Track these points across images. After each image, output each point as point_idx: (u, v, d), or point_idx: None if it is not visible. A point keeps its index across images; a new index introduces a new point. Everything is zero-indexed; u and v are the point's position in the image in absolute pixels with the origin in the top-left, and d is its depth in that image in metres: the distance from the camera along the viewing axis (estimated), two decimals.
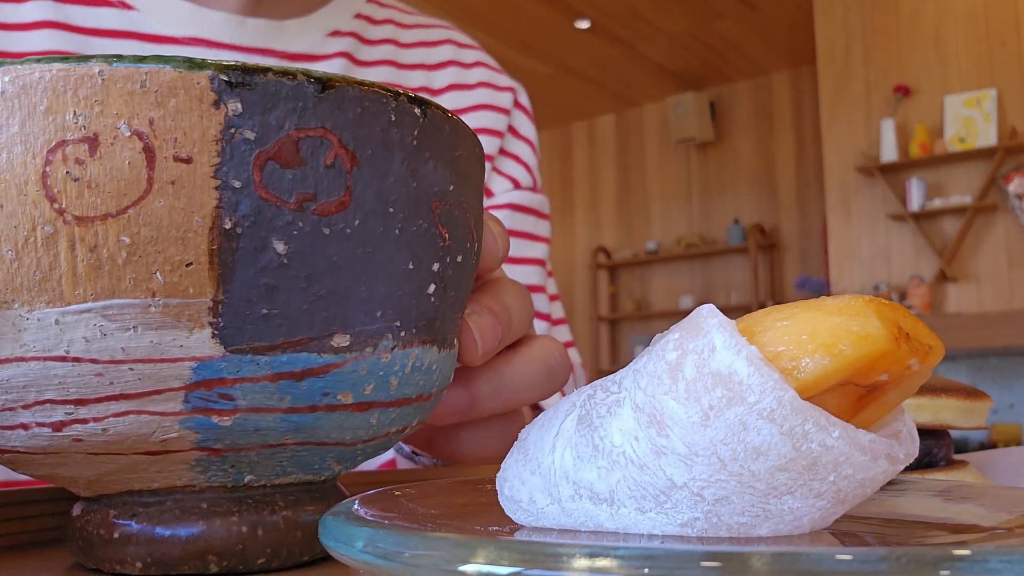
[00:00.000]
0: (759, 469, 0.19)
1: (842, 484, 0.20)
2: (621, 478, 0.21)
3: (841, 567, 0.15)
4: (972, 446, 3.06)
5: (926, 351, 0.20)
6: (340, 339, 0.24)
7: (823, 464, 0.19)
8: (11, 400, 0.23)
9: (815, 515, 0.20)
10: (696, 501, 0.20)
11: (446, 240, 0.27)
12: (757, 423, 0.19)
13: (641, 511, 0.21)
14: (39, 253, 0.22)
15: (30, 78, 0.22)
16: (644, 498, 0.21)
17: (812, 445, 0.19)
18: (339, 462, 0.28)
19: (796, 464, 0.19)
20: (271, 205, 0.23)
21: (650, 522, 0.21)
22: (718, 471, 0.20)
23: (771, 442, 0.19)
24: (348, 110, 0.24)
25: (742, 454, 0.19)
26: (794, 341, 0.20)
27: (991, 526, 0.22)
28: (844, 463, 0.19)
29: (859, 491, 0.20)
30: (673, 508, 0.20)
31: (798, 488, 0.20)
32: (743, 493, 0.20)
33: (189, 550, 0.25)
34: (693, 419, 0.20)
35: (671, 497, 0.20)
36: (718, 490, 0.20)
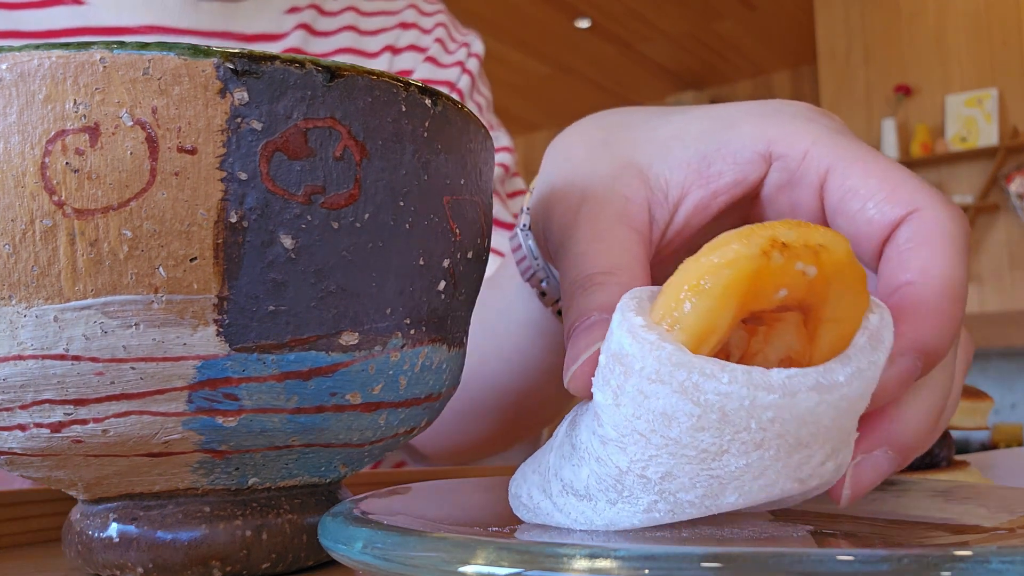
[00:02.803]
0: (678, 434, 0.20)
1: (776, 428, 0.19)
2: (589, 473, 0.21)
3: (843, 568, 0.15)
4: (974, 447, 3.06)
5: (815, 251, 0.19)
6: (349, 337, 0.24)
7: (734, 413, 0.19)
8: (8, 400, 0.23)
9: (778, 469, 0.20)
10: (644, 483, 0.20)
11: (457, 235, 0.26)
12: (651, 388, 0.20)
13: (611, 503, 0.21)
14: (37, 247, 0.21)
15: (28, 65, 0.21)
16: (608, 489, 0.21)
17: (709, 396, 0.19)
18: (346, 464, 0.27)
19: (708, 420, 0.19)
20: (278, 198, 0.22)
21: (620, 512, 0.21)
22: (645, 446, 0.20)
23: (671, 403, 0.19)
24: (358, 100, 0.23)
25: (655, 423, 0.20)
26: (673, 296, 0.20)
27: (993, 527, 0.22)
28: (756, 407, 0.19)
29: (808, 429, 0.20)
30: (630, 495, 0.21)
31: (730, 445, 0.20)
32: (680, 463, 0.20)
33: (192, 555, 0.25)
34: (609, 402, 0.21)
35: (625, 484, 0.21)
36: (657, 466, 0.20)
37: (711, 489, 0.20)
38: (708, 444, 0.20)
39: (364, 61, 0.68)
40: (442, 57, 0.71)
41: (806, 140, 0.27)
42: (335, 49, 0.67)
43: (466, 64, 0.72)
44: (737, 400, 0.19)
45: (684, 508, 0.21)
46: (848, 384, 0.20)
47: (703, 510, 0.21)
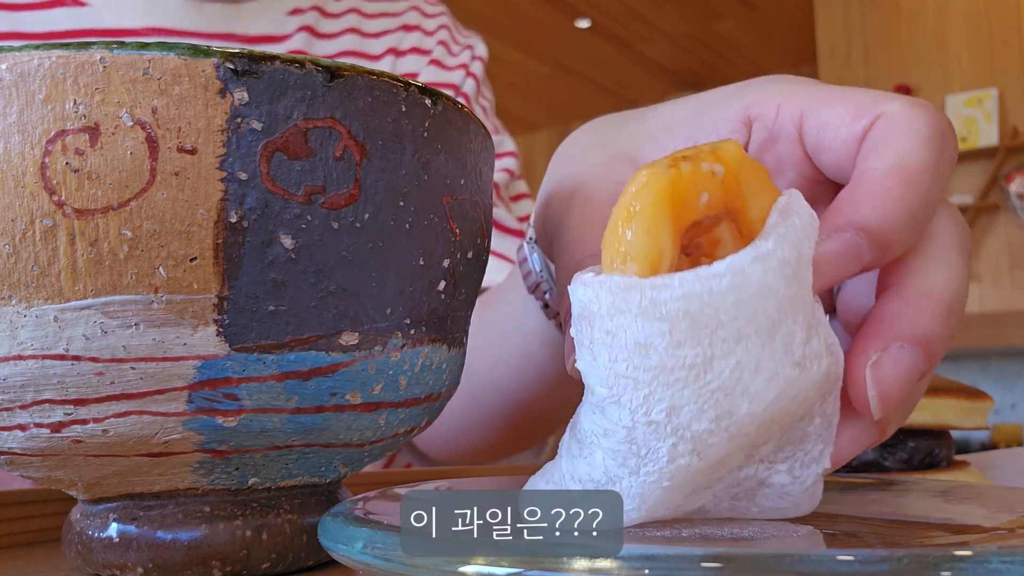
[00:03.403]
0: (659, 359, 0.20)
1: (743, 311, 0.20)
2: (602, 454, 0.21)
3: (843, 568, 0.15)
4: (973, 447, 3.06)
5: (713, 151, 0.21)
6: (349, 337, 0.24)
7: (699, 313, 0.20)
8: (8, 400, 0.23)
9: (770, 356, 0.20)
10: (655, 429, 0.20)
11: (457, 236, 0.26)
12: (615, 323, 0.20)
13: (634, 472, 0.21)
14: (37, 247, 0.21)
15: (28, 65, 0.21)
16: (626, 459, 0.21)
17: (669, 306, 0.20)
18: (346, 464, 0.27)
19: (679, 331, 0.20)
20: (279, 198, 0.22)
21: (647, 479, 0.21)
22: (635, 387, 0.20)
23: (638, 329, 0.20)
24: (358, 100, 0.23)
25: (633, 357, 0.20)
26: (613, 237, 0.21)
27: (993, 527, 0.22)
28: (715, 297, 0.20)
29: (771, 303, 0.20)
30: (648, 452, 0.21)
31: (712, 349, 0.20)
32: (677, 391, 0.20)
33: (192, 555, 0.25)
34: (589, 362, 0.21)
35: (638, 441, 0.21)
36: (657, 403, 0.20)
37: (721, 406, 0.20)
38: (692, 357, 0.20)
39: (367, 64, 0.68)
40: (446, 59, 0.71)
41: (777, 96, 0.28)
42: (338, 52, 0.67)
43: (470, 67, 0.71)
44: (696, 299, 0.20)
45: (706, 441, 0.20)
46: (779, 247, 0.20)
47: (726, 436, 0.20)
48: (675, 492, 0.21)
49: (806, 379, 0.21)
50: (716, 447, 0.20)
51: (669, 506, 0.22)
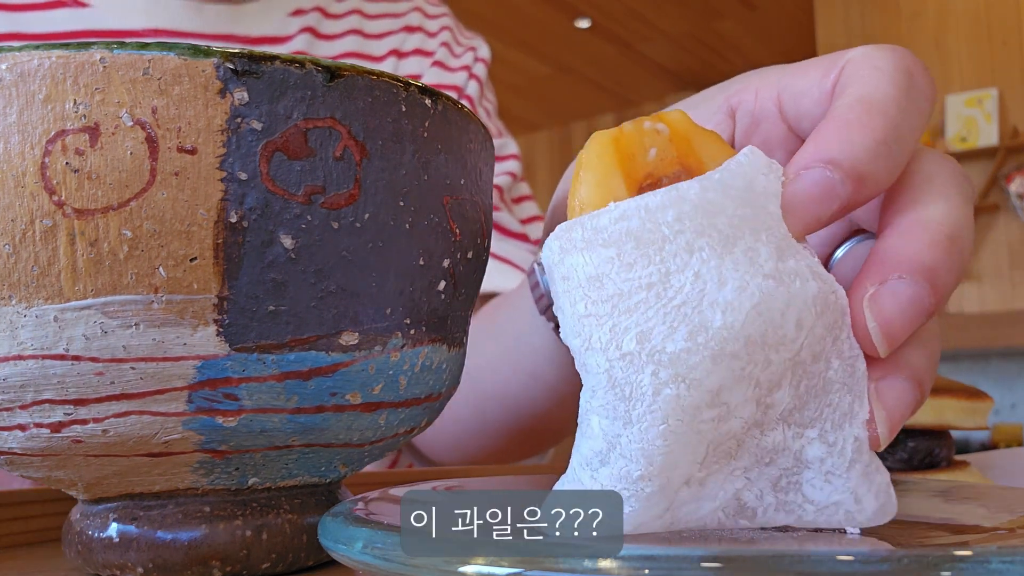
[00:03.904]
0: (614, 287, 0.20)
1: (688, 225, 0.21)
2: (596, 418, 0.20)
3: (843, 568, 0.15)
4: (974, 447, 3.06)
5: (656, 116, 0.23)
6: (349, 337, 0.24)
7: (640, 230, 0.20)
8: (8, 400, 0.23)
9: (733, 267, 0.20)
10: (631, 362, 0.20)
11: (457, 236, 0.26)
12: (567, 266, 0.21)
13: (627, 421, 0.20)
14: (37, 247, 0.21)
15: (28, 65, 0.21)
16: (615, 404, 0.20)
17: (610, 231, 0.21)
18: (346, 464, 0.27)
19: (626, 252, 0.20)
20: (279, 198, 0.22)
21: (642, 424, 0.20)
22: (600, 323, 0.20)
23: (587, 261, 0.21)
24: (358, 100, 0.23)
25: (590, 293, 0.20)
26: (571, 195, 0.22)
27: (993, 527, 0.22)
28: (653, 214, 0.20)
29: (721, 219, 0.21)
30: (632, 389, 0.20)
31: (665, 263, 0.20)
32: (641, 314, 0.20)
33: (192, 555, 0.25)
34: (561, 320, 0.21)
35: (618, 380, 0.20)
36: (624, 334, 0.20)
37: (691, 321, 0.20)
38: (647, 276, 0.20)
39: (370, 65, 0.67)
40: (449, 61, 0.71)
41: (755, 82, 0.28)
42: (340, 53, 0.66)
43: (473, 69, 0.71)
44: (635, 216, 0.20)
45: (686, 362, 0.19)
46: (721, 173, 0.21)
47: (707, 355, 0.19)
48: (682, 443, 0.20)
49: (789, 294, 0.20)
50: (700, 368, 0.20)
51: (685, 469, 0.20)
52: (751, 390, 0.20)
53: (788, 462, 0.21)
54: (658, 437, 0.20)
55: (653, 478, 0.20)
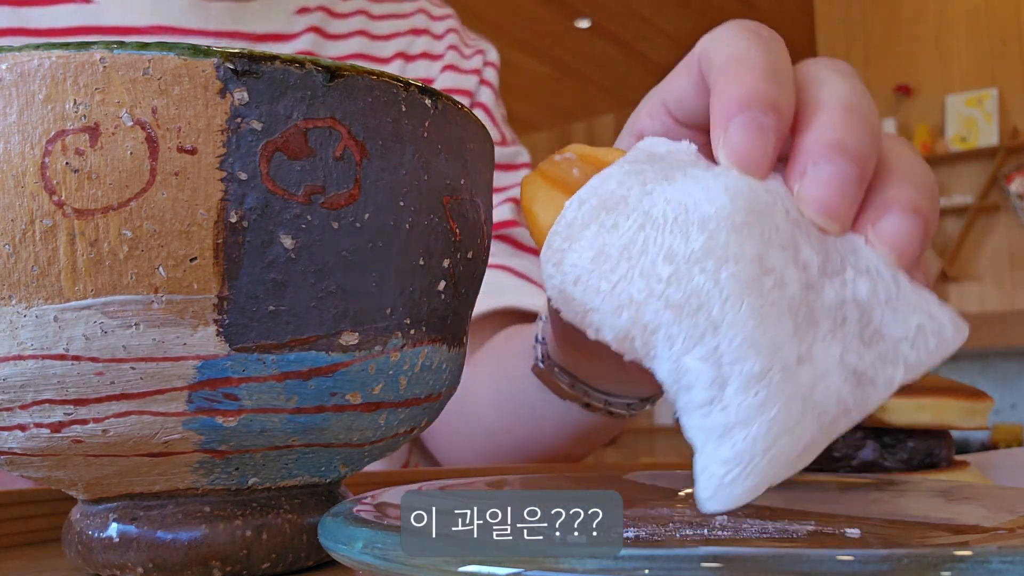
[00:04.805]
0: (618, 249, 0.22)
1: (635, 180, 0.23)
2: (690, 359, 0.21)
3: (843, 568, 0.15)
4: (974, 447, 3.05)
5: (559, 152, 0.27)
6: (349, 337, 0.24)
7: (600, 206, 0.23)
8: (8, 400, 0.23)
9: (689, 180, 0.23)
10: (677, 275, 0.21)
11: (457, 236, 0.26)
12: (564, 274, 0.23)
13: (715, 327, 0.21)
14: (37, 247, 0.21)
15: (28, 65, 0.21)
16: (696, 329, 0.21)
17: (580, 215, 0.23)
18: (346, 464, 0.27)
19: (604, 220, 0.23)
20: (278, 198, 0.22)
21: (726, 315, 0.21)
22: (630, 278, 0.22)
23: (577, 253, 0.23)
24: (358, 100, 0.23)
25: (602, 265, 0.22)
26: (532, 230, 0.25)
27: (993, 527, 0.22)
28: (603, 183, 0.23)
29: (663, 166, 0.24)
30: (695, 295, 0.21)
31: (638, 206, 0.22)
32: (651, 246, 0.22)
33: (192, 555, 0.25)
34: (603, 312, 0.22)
35: (682, 304, 0.21)
36: (651, 268, 0.21)
37: (695, 222, 0.21)
38: (633, 223, 0.22)
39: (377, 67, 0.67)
40: (460, 63, 0.70)
41: (644, 108, 0.31)
42: (347, 54, 0.66)
43: (484, 74, 0.71)
44: (591, 198, 0.23)
45: (716, 245, 0.21)
46: (632, 151, 0.25)
47: (724, 230, 0.21)
48: (768, 318, 0.21)
49: (743, 177, 0.23)
50: (731, 243, 0.21)
51: (787, 346, 0.21)
52: (782, 253, 0.22)
53: (855, 312, 0.22)
54: (748, 317, 0.20)
55: (771, 362, 0.20)
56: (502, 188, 0.66)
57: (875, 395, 0.22)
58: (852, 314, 0.22)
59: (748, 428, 0.20)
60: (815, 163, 0.23)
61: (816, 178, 0.23)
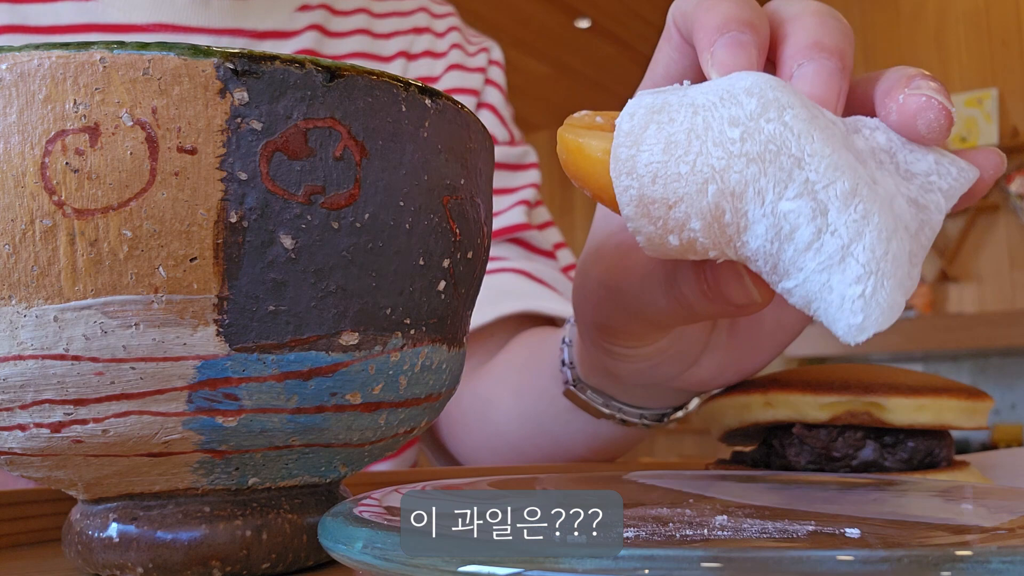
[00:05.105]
0: (683, 132, 0.24)
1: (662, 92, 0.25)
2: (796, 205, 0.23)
3: (843, 568, 0.15)
4: (973, 447, 3.05)
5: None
6: (349, 337, 0.24)
7: (649, 111, 0.24)
8: (8, 400, 0.22)
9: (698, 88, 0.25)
10: (752, 123, 0.23)
11: (457, 236, 0.26)
12: (641, 164, 0.24)
13: (801, 161, 0.23)
14: (37, 247, 0.21)
15: (28, 65, 0.21)
16: (787, 171, 0.23)
17: (636, 120, 0.25)
18: (346, 464, 0.27)
19: (660, 119, 0.24)
20: (278, 198, 0.22)
21: (814, 145, 0.23)
22: (704, 152, 0.23)
23: (648, 147, 0.24)
24: (357, 100, 0.23)
25: (676, 151, 0.24)
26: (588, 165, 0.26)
27: (993, 527, 0.22)
28: (643, 100, 0.25)
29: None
30: (775, 139, 0.23)
31: (684, 105, 0.24)
32: (714, 118, 0.23)
33: (192, 555, 0.24)
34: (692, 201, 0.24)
35: (769, 144, 0.23)
36: (720, 133, 0.23)
37: (740, 91, 0.24)
38: (686, 110, 0.24)
39: (379, 66, 0.67)
40: (465, 62, 0.70)
41: None
42: (349, 52, 0.66)
43: (489, 73, 0.71)
44: (639, 109, 0.25)
45: (777, 95, 0.23)
46: None
47: (772, 89, 0.23)
48: (832, 141, 0.23)
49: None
50: (767, 94, 0.23)
51: (848, 158, 0.23)
52: (821, 113, 0.24)
53: (884, 155, 0.25)
54: (823, 144, 0.23)
55: (855, 179, 0.23)
56: (512, 189, 0.66)
57: (934, 217, 0.24)
58: (884, 157, 0.25)
59: (862, 240, 0.22)
60: (799, 64, 0.26)
61: (802, 77, 0.26)
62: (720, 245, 0.24)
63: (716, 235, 0.24)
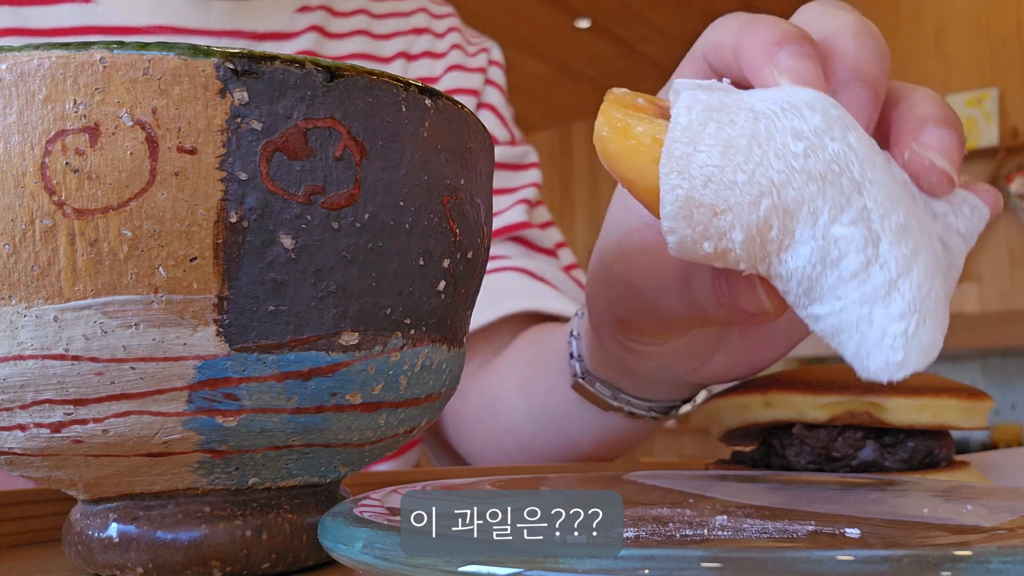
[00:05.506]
0: (743, 137, 0.22)
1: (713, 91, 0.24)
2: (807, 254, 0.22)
3: (843, 568, 0.15)
4: (973, 447, 3.05)
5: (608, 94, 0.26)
6: (349, 337, 0.24)
7: (707, 109, 0.23)
8: (8, 400, 0.23)
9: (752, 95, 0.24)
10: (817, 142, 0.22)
11: (457, 236, 0.26)
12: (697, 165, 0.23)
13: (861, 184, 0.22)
14: (37, 247, 0.21)
15: (28, 65, 0.21)
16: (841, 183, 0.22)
17: (693, 115, 0.23)
18: (346, 464, 0.27)
19: (721, 119, 0.23)
20: (278, 198, 0.22)
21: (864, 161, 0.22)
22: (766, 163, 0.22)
23: (706, 149, 0.23)
24: (357, 100, 0.23)
25: (735, 157, 0.22)
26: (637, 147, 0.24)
27: (993, 527, 0.22)
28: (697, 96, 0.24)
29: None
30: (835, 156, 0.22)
31: (741, 107, 0.23)
32: (777, 126, 0.22)
33: (192, 555, 0.24)
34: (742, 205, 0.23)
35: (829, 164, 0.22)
36: (787, 144, 0.22)
37: (802, 104, 0.23)
38: (746, 115, 0.23)
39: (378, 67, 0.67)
40: (466, 62, 0.70)
41: (700, 48, 0.33)
42: (348, 53, 0.66)
43: (489, 74, 0.71)
44: (696, 104, 0.23)
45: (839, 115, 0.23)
46: None
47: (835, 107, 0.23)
48: (889, 171, 0.23)
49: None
50: (830, 111, 0.23)
51: (901, 191, 0.23)
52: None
53: (914, 190, 0.24)
54: (883, 173, 0.22)
55: (908, 214, 0.22)
56: (513, 189, 0.66)
57: (957, 260, 0.24)
58: (915, 191, 0.24)
59: (910, 276, 0.21)
60: (834, 91, 0.25)
61: (852, 103, 0.25)
62: (754, 259, 0.23)
63: (755, 249, 0.23)
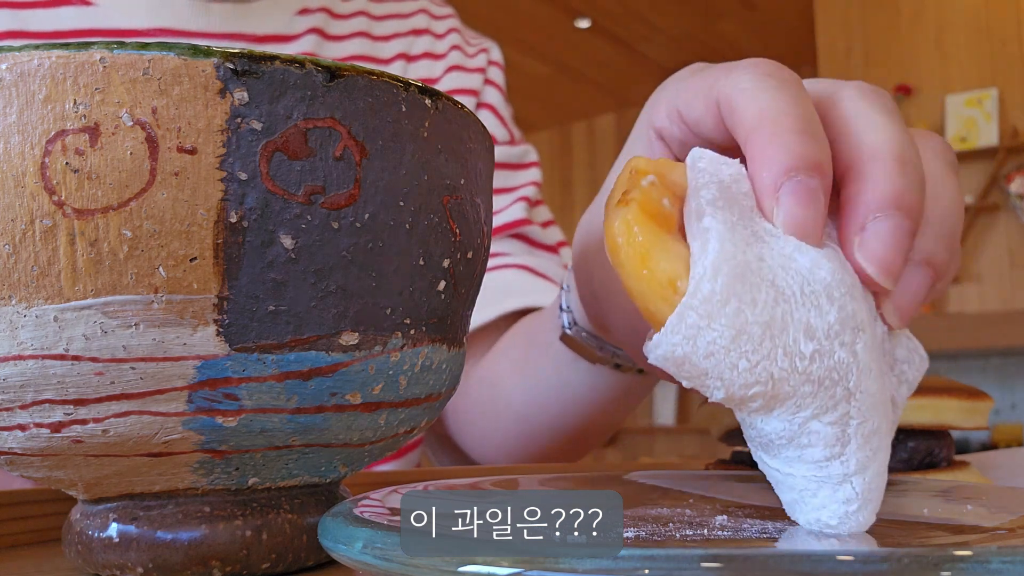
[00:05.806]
0: (759, 323, 0.21)
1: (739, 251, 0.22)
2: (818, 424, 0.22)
3: (843, 568, 0.15)
4: (973, 447, 3.05)
5: (635, 172, 0.24)
6: (349, 337, 0.24)
7: (735, 276, 0.22)
8: (8, 400, 0.23)
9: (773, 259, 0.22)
10: (819, 353, 0.22)
11: (457, 236, 0.26)
12: (704, 342, 0.22)
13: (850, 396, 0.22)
14: (37, 247, 0.21)
15: (28, 65, 0.21)
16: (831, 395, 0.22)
17: (719, 290, 0.22)
18: (346, 464, 0.27)
19: (743, 296, 0.21)
20: (278, 198, 0.22)
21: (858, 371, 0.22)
22: (770, 356, 0.21)
23: (719, 327, 0.21)
24: (358, 100, 0.23)
25: (745, 346, 0.21)
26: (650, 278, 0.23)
27: (993, 527, 0.22)
28: (728, 258, 0.22)
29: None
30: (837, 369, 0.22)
31: (766, 287, 0.22)
32: (793, 316, 0.22)
33: (192, 555, 0.25)
34: (732, 391, 0.22)
35: (825, 376, 0.22)
36: (794, 345, 0.21)
37: (820, 293, 0.22)
38: (767, 298, 0.21)
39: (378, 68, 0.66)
40: (465, 63, 0.70)
41: (662, 102, 0.31)
42: (348, 55, 0.66)
43: (488, 74, 0.71)
44: (723, 267, 0.21)
45: (851, 314, 0.22)
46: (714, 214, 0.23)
47: (843, 293, 0.22)
48: (881, 373, 0.23)
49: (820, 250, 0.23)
50: (847, 306, 0.22)
51: (885, 389, 0.23)
52: (867, 305, 0.23)
53: (886, 345, 0.24)
54: (874, 382, 0.22)
55: (883, 416, 0.22)
56: (513, 188, 0.67)
57: (898, 414, 0.24)
58: (887, 346, 0.24)
59: (864, 473, 0.22)
60: (875, 217, 0.23)
61: (876, 235, 0.23)
62: (729, 403, 0.23)
63: (732, 404, 0.22)
